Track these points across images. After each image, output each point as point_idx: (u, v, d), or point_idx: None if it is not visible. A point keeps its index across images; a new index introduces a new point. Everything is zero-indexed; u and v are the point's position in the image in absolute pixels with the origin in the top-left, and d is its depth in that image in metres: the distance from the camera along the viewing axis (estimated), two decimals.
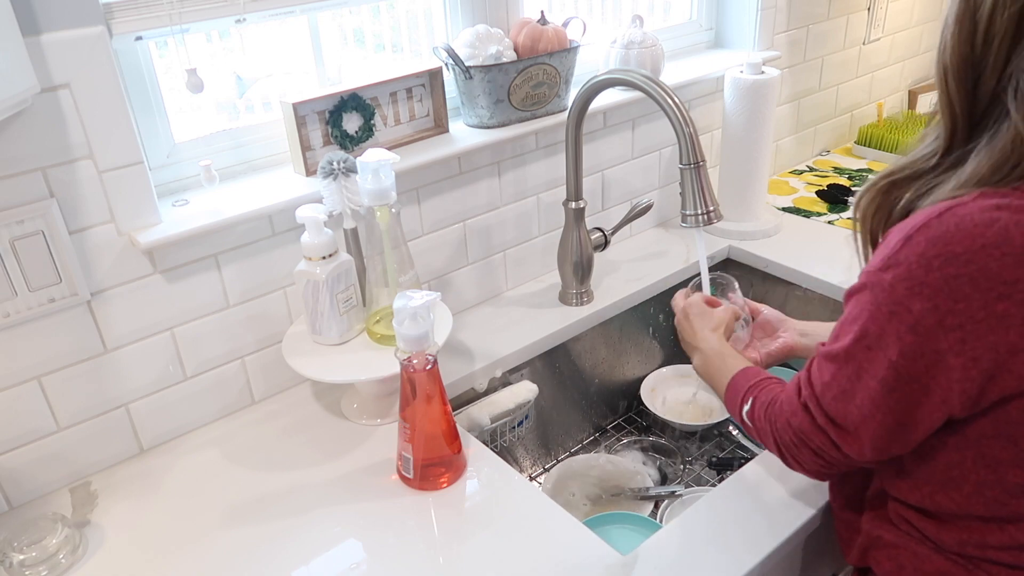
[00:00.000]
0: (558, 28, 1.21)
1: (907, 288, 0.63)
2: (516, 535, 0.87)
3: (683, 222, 1.05)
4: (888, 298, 0.64)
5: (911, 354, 0.64)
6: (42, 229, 0.87)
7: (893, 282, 0.64)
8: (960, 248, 0.61)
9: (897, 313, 0.64)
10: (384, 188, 0.96)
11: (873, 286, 0.66)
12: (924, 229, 0.63)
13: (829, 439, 0.73)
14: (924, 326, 0.62)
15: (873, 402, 0.68)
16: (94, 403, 0.98)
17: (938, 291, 0.61)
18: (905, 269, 0.63)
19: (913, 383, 0.65)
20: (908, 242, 0.64)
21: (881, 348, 0.66)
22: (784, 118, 1.73)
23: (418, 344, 0.87)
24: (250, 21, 1.01)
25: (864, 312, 0.67)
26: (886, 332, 0.65)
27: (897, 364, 0.65)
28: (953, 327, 0.62)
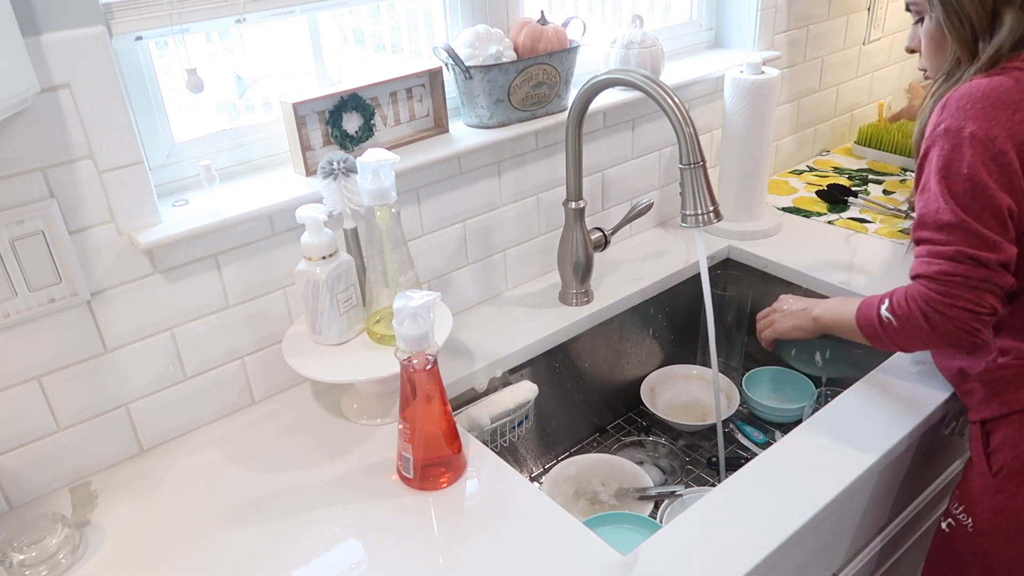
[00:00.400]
0: (558, 28, 1.21)
1: (956, 122, 0.88)
2: (516, 535, 0.87)
3: (683, 222, 1.05)
4: (945, 137, 0.89)
5: (977, 162, 0.87)
6: (42, 229, 0.87)
7: (947, 127, 0.89)
8: (980, 92, 0.89)
9: (957, 144, 0.88)
10: (384, 188, 0.96)
11: (933, 139, 0.90)
12: (950, 100, 0.90)
13: (966, 255, 0.88)
14: (981, 134, 0.87)
15: (973, 200, 0.87)
16: (94, 403, 0.98)
17: (979, 115, 0.88)
18: (950, 114, 0.89)
19: (987, 186, 0.87)
20: (944, 108, 0.91)
21: (955, 169, 0.88)
22: (784, 118, 1.73)
23: (418, 344, 0.87)
24: (250, 21, 1.01)
25: (931, 160, 0.91)
26: (953, 158, 0.88)
27: (970, 176, 0.87)
28: (995, 137, 0.87)
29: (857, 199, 1.62)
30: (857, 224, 1.53)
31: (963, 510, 1.00)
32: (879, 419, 1.00)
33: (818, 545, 0.96)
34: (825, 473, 0.92)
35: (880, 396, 1.04)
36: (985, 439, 0.97)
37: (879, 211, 1.58)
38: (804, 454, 0.95)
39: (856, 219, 1.55)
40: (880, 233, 1.49)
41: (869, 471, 0.93)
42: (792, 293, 1.41)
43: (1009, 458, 0.94)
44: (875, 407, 1.03)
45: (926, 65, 1.04)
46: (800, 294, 1.39)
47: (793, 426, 1.03)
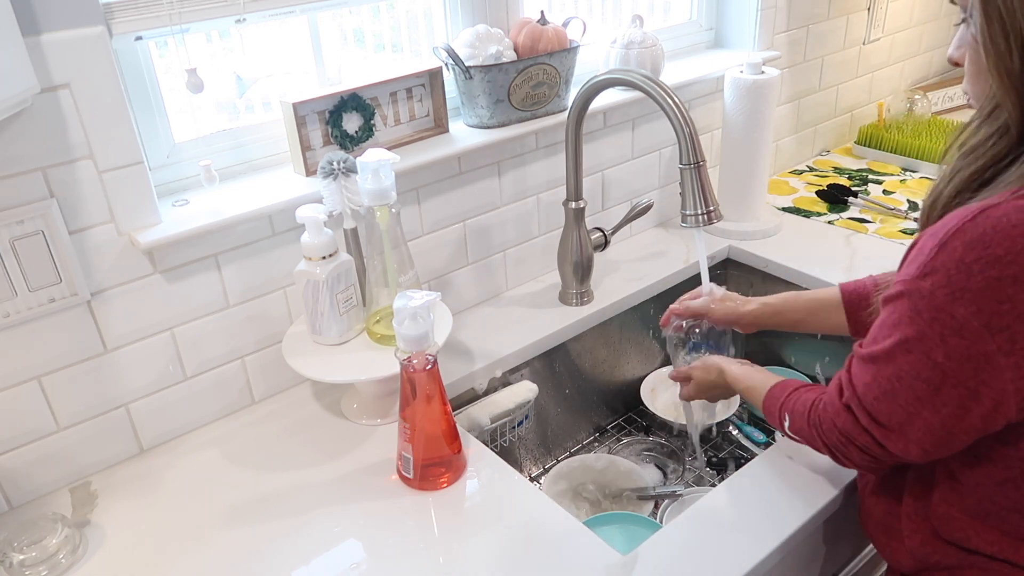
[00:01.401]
0: (558, 28, 1.21)
1: (948, 294, 0.62)
2: (516, 535, 0.87)
3: (683, 222, 1.05)
4: (928, 305, 0.64)
5: (958, 357, 0.63)
6: (42, 229, 0.87)
7: (933, 289, 0.63)
8: (1001, 250, 0.60)
9: (939, 319, 0.63)
10: (384, 188, 0.96)
11: (911, 294, 0.65)
12: (959, 233, 0.62)
13: (873, 439, 0.72)
14: (970, 329, 0.62)
15: (919, 400, 0.67)
16: (94, 403, 0.98)
17: (981, 295, 0.61)
18: (944, 276, 0.62)
19: (960, 387, 0.64)
20: (944, 248, 0.63)
21: (924, 351, 0.65)
22: (784, 118, 1.73)
23: (418, 344, 0.87)
24: (250, 21, 1.01)
25: (903, 319, 0.66)
26: (927, 336, 0.64)
27: (944, 366, 0.64)
28: (1000, 328, 0.61)
29: (857, 199, 1.62)
30: (857, 224, 1.53)
31: None
32: None
33: (818, 545, 0.96)
34: (825, 473, 0.92)
35: None
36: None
37: (879, 211, 1.58)
38: (804, 454, 0.95)
39: (856, 219, 1.55)
40: (880, 233, 1.49)
41: None
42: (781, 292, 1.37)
43: None
44: None
45: (968, 89, 0.71)
46: None
47: None
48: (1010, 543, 0.73)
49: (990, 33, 0.63)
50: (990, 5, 0.62)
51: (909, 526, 0.80)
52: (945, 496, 0.75)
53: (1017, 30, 0.61)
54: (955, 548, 0.76)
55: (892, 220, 1.54)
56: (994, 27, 0.62)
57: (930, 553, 0.78)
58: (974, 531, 0.74)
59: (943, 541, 0.77)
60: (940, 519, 0.76)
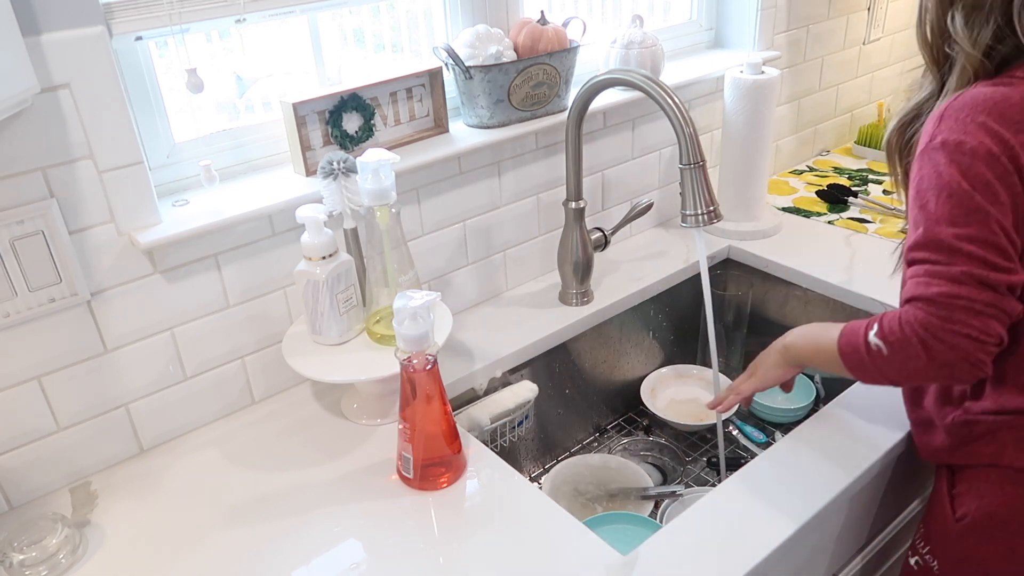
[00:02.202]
0: (558, 28, 1.21)
1: (956, 138, 0.77)
2: (516, 535, 0.87)
3: (683, 222, 1.05)
4: (942, 149, 0.78)
5: (988, 160, 0.76)
6: (42, 229, 0.87)
7: (943, 140, 0.78)
8: (981, 104, 0.78)
9: (955, 157, 0.77)
10: (384, 188, 0.96)
11: (923, 153, 0.80)
12: (948, 109, 0.79)
13: (972, 276, 0.76)
14: (983, 150, 0.76)
15: (979, 205, 0.76)
16: (94, 403, 0.98)
17: (979, 128, 0.77)
18: (946, 128, 0.78)
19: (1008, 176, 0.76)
20: (941, 120, 0.79)
21: (961, 172, 0.77)
22: (784, 118, 1.73)
23: (418, 344, 0.87)
24: (250, 21, 1.01)
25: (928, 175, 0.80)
26: (952, 175, 0.77)
27: (975, 182, 0.76)
28: (1005, 149, 0.76)
29: (857, 199, 1.62)
30: (857, 224, 1.53)
31: (929, 551, 0.96)
32: (880, 418, 1.00)
33: (818, 545, 0.96)
34: (825, 473, 0.92)
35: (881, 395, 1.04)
36: (950, 481, 0.92)
37: (879, 211, 1.58)
38: (804, 454, 0.95)
39: (856, 219, 1.55)
40: (880, 233, 1.49)
41: (870, 470, 0.93)
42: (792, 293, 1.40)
43: (972, 507, 0.89)
44: (876, 406, 1.02)
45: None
46: (800, 294, 1.39)
47: (793, 426, 1.03)
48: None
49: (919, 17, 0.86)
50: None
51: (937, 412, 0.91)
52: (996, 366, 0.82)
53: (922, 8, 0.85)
54: (992, 413, 0.86)
55: (892, 220, 1.54)
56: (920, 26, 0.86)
57: (965, 423, 0.88)
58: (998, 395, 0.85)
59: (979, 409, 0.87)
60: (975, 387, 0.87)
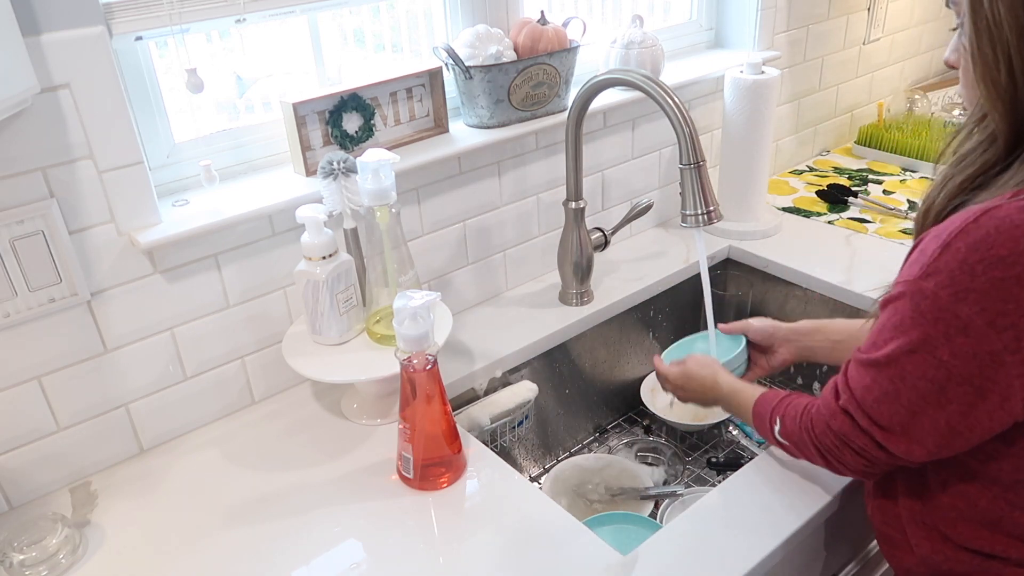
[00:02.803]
0: (558, 28, 1.21)
1: (951, 294, 0.62)
2: (516, 535, 0.87)
3: (683, 222, 1.05)
4: (932, 305, 0.64)
5: (964, 355, 0.63)
6: (42, 229, 0.87)
7: (936, 290, 0.63)
8: (1004, 251, 0.61)
9: (943, 319, 0.63)
10: (384, 188, 0.96)
11: (913, 295, 0.65)
12: (962, 235, 0.63)
13: (873, 440, 0.72)
14: (975, 328, 0.62)
15: (923, 400, 0.67)
16: (94, 403, 0.98)
17: (985, 295, 0.61)
18: (947, 276, 0.63)
19: (966, 384, 0.64)
20: (947, 249, 0.63)
21: (928, 351, 0.65)
22: (784, 118, 1.73)
23: (418, 344, 0.87)
24: (250, 21, 1.01)
25: (905, 320, 0.66)
26: (932, 336, 0.65)
27: (949, 364, 0.64)
28: (1005, 327, 0.61)
29: (857, 199, 1.62)
30: (857, 224, 1.53)
31: None
32: None
33: (818, 545, 0.96)
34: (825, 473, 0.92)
35: None
36: None
37: (879, 211, 1.58)
38: None
39: (856, 219, 1.55)
40: (880, 233, 1.49)
41: None
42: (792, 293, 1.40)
43: None
44: None
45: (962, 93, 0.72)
46: (800, 294, 1.39)
47: None
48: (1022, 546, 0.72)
49: (978, 43, 0.63)
50: (979, 16, 0.62)
51: (916, 533, 0.79)
52: (953, 504, 0.75)
53: (1004, 42, 0.62)
54: (969, 553, 0.75)
55: (892, 220, 1.54)
56: (982, 38, 0.63)
57: (942, 560, 0.77)
58: (988, 536, 0.74)
59: (956, 547, 0.76)
60: (949, 526, 0.76)
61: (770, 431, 0.86)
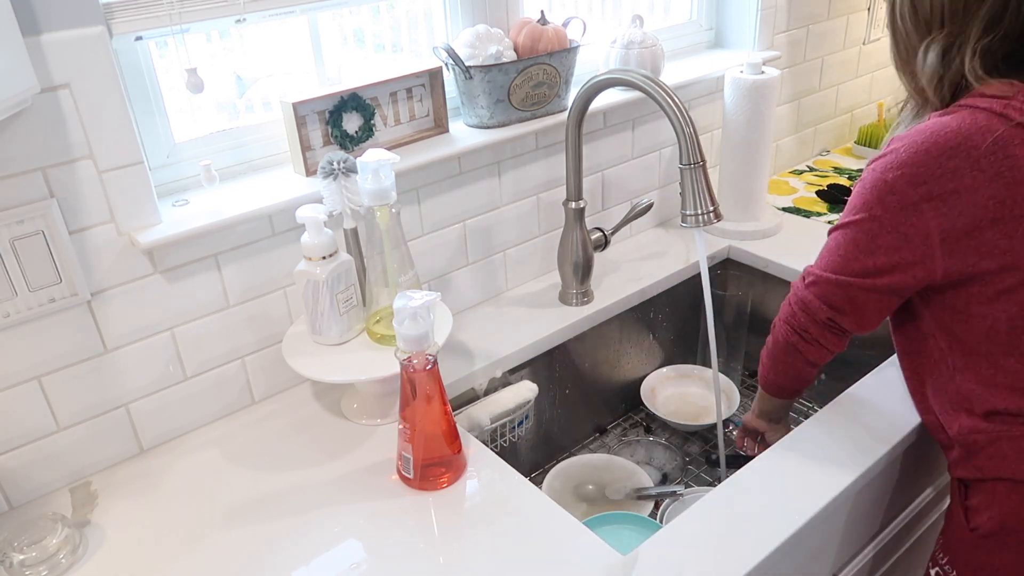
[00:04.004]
0: (558, 28, 1.21)
1: (885, 166, 0.84)
2: (516, 535, 0.87)
3: (683, 222, 1.05)
4: (871, 177, 0.86)
5: (892, 207, 0.84)
6: (42, 229, 0.87)
7: (875, 167, 0.86)
8: (919, 137, 0.83)
9: (877, 186, 0.85)
10: (384, 188, 0.96)
11: (863, 179, 0.88)
12: (895, 140, 0.86)
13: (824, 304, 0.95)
14: (899, 187, 0.83)
15: (858, 248, 0.88)
16: (94, 403, 0.98)
17: (905, 163, 0.83)
18: (883, 160, 0.85)
19: (894, 232, 0.85)
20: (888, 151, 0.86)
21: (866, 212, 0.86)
22: (784, 118, 1.73)
23: (418, 344, 0.87)
24: (250, 21, 1.01)
25: (856, 197, 0.88)
26: (869, 201, 0.86)
27: (881, 218, 0.85)
28: (919, 182, 0.82)
29: None
30: None
31: (947, 561, 0.97)
32: (881, 417, 1.00)
33: (818, 545, 0.96)
34: (827, 471, 0.92)
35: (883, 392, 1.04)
36: (963, 494, 0.94)
37: None
38: (804, 454, 0.95)
39: None
40: None
41: (870, 470, 0.93)
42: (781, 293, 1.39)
43: (985, 519, 0.90)
44: (877, 406, 1.02)
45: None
46: None
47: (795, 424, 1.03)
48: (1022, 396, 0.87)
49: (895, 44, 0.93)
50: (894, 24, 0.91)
51: (946, 417, 0.93)
52: (964, 376, 0.89)
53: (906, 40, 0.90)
54: (987, 421, 0.88)
55: None
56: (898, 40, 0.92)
57: (968, 434, 0.90)
58: (993, 396, 0.87)
59: (978, 416, 0.89)
60: (969, 397, 0.90)
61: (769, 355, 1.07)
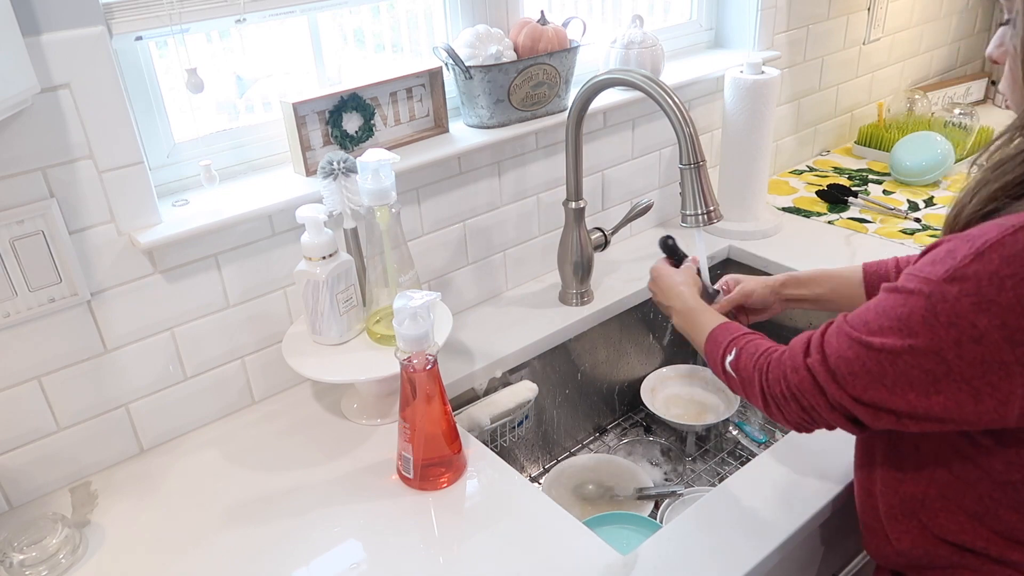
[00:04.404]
0: (558, 28, 1.21)
1: (973, 304, 0.61)
2: (516, 535, 0.87)
3: (683, 222, 1.05)
4: (949, 309, 0.62)
5: (971, 359, 0.62)
6: (42, 229, 0.87)
7: (959, 296, 0.62)
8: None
9: (957, 325, 0.62)
10: (384, 188, 0.96)
11: (932, 295, 0.63)
12: (998, 246, 0.61)
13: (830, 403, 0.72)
14: (990, 340, 0.61)
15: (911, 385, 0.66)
16: (94, 403, 0.98)
17: (1008, 310, 0.60)
18: (974, 284, 0.61)
19: (963, 383, 0.64)
20: (979, 257, 0.61)
21: (933, 352, 0.64)
22: (784, 118, 1.73)
23: (418, 344, 0.87)
24: (250, 21, 1.01)
25: (915, 317, 0.65)
26: (942, 340, 0.63)
27: (952, 363, 0.63)
28: (1022, 342, 0.61)
29: (857, 199, 1.62)
30: (857, 224, 1.53)
31: None
32: None
33: (817, 545, 0.96)
34: (826, 473, 0.92)
35: None
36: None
37: (879, 211, 1.58)
38: (804, 453, 0.95)
39: (856, 219, 1.55)
40: (880, 233, 1.49)
41: None
42: None
43: None
44: None
45: (1005, 92, 0.70)
46: None
47: None
48: (1004, 543, 0.73)
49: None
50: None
51: (895, 527, 0.79)
52: (944, 493, 0.75)
53: None
54: (949, 547, 0.76)
55: (892, 220, 1.54)
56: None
57: (922, 554, 0.78)
58: (971, 530, 0.74)
59: (938, 540, 0.76)
60: (931, 517, 0.76)
61: (720, 359, 0.86)
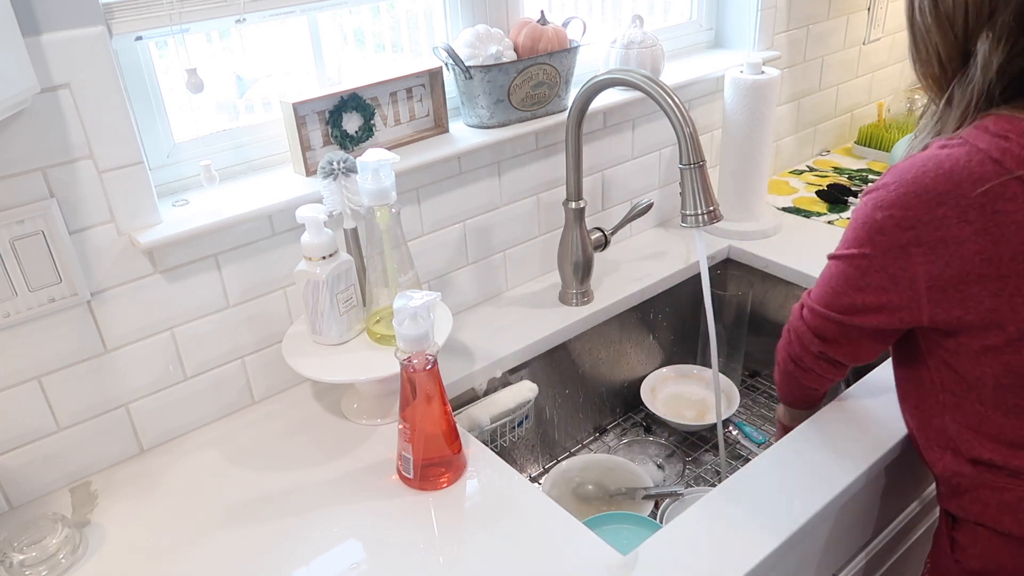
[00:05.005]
0: (558, 28, 1.21)
1: (874, 202, 0.81)
2: (516, 535, 0.87)
3: (683, 222, 1.05)
4: (863, 212, 0.83)
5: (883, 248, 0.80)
6: (42, 229, 0.87)
7: (868, 201, 0.82)
8: (910, 175, 0.78)
9: (868, 223, 0.81)
10: (384, 188, 0.96)
11: (857, 207, 0.84)
12: (891, 171, 0.82)
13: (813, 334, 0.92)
14: (888, 228, 0.80)
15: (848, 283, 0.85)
16: (94, 403, 0.98)
17: (894, 204, 0.79)
18: (875, 195, 0.82)
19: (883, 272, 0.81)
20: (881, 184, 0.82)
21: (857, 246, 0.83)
22: (784, 118, 1.73)
23: (418, 344, 0.87)
24: (250, 21, 1.01)
25: (849, 228, 0.85)
26: (862, 240, 0.83)
27: (872, 256, 0.82)
28: (908, 226, 0.78)
29: (857, 199, 1.62)
30: None
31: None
32: (878, 419, 1.00)
33: (819, 545, 0.96)
34: (825, 473, 0.92)
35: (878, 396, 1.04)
36: (950, 524, 0.92)
37: None
38: (804, 453, 0.95)
39: None
40: None
41: (871, 469, 0.93)
42: (792, 293, 1.41)
43: (968, 556, 0.89)
44: (874, 407, 1.02)
45: None
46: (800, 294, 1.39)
47: None
48: (1007, 451, 0.83)
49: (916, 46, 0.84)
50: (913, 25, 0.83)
51: (931, 455, 0.91)
52: (949, 412, 0.86)
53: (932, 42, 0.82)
54: (970, 465, 0.86)
55: None
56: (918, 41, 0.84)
57: (952, 475, 0.88)
58: (977, 443, 0.85)
59: (961, 459, 0.87)
60: (952, 438, 0.87)
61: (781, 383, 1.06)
